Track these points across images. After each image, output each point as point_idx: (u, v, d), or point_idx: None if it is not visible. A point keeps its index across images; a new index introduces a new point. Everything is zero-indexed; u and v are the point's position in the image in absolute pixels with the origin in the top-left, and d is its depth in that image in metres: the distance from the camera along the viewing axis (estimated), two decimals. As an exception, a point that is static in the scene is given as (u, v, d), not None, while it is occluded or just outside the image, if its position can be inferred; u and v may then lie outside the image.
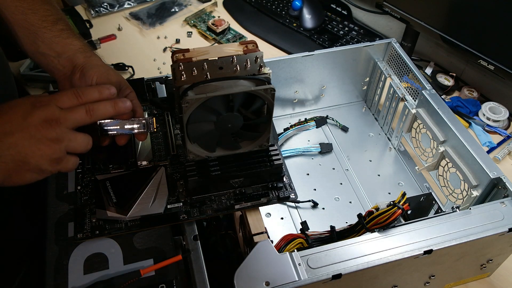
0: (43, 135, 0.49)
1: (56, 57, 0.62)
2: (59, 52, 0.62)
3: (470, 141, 0.69)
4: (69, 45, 0.62)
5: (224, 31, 1.16)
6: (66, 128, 0.50)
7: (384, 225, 0.58)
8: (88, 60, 0.62)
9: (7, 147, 0.48)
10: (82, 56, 0.62)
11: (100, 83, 0.59)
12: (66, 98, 0.52)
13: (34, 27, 0.62)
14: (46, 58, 0.62)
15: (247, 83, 0.53)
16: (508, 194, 0.63)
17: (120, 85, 0.62)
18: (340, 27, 1.18)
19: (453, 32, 0.91)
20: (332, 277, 0.53)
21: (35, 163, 0.49)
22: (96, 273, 0.54)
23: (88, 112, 0.52)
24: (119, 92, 0.60)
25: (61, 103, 0.51)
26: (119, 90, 0.61)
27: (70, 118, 0.51)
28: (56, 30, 0.62)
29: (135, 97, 0.62)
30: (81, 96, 0.53)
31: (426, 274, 0.64)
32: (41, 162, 0.49)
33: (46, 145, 0.49)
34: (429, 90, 0.78)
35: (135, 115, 0.60)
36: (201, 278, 0.53)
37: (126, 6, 1.23)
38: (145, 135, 0.62)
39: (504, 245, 0.64)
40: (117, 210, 0.58)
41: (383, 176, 0.87)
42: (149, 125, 0.59)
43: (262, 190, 0.62)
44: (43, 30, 0.62)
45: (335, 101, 0.98)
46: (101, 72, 0.61)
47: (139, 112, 0.61)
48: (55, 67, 0.62)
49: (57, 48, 0.62)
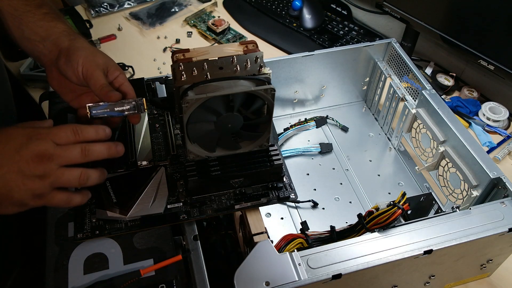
0: (31, 170, 0.48)
1: (41, 42, 0.60)
2: (43, 36, 0.60)
3: (470, 141, 0.69)
4: (53, 28, 0.61)
5: (224, 31, 1.16)
6: (56, 165, 0.50)
7: (384, 225, 0.58)
8: (73, 43, 0.59)
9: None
10: (66, 39, 0.60)
11: (86, 66, 0.57)
12: (64, 134, 0.51)
13: (18, 12, 0.61)
14: (32, 43, 0.61)
15: (247, 83, 0.53)
16: (508, 194, 0.63)
17: (108, 67, 0.59)
18: (340, 27, 1.18)
19: (453, 32, 0.91)
20: (332, 277, 0.53)
21: (19, 197, 0.49)
22: (96, 273, 0.54)
23: (83, 151, 0.51)
24: (107, 74, 0.59)
25: (58, 139, 0.51)
26: (107, 73, 0.59)
27: (64, 156, 0.50)
28: (40, 14, 0.61)
29: (125, 79, 0.60)
30: (79, 134, 0.52)
31: (426, 274, 0.64)
32: (25, 196, 0.49)
33: (31, 181, 0.49)
34: (429, 90, 0.78)
35: (126, 97, 0.59)
36: (201, 278, 0.53)
37: (126, 6, 1.23)
38: (138, 117, 0.60)
39: (504, 245, 0.64)
40: (117, 210, 0.58)
41: (383, 176, 0.87)
42: (140, 106, 0.58)
43: (262, 190, 0.62)
44: (27, 14, 0.61)
45: (335, 101, 0.98)
46: (87, 55, 0.58)
47: (131, 94, 0.59)
48: (41, 52, 0.61)
49: (41, 32, 0.60)
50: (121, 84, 0.59)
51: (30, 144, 0.49)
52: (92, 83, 0.57)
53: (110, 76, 0.59)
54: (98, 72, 0.57)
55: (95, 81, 0.56)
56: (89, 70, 0.57)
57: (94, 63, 0.58)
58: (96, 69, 0.57)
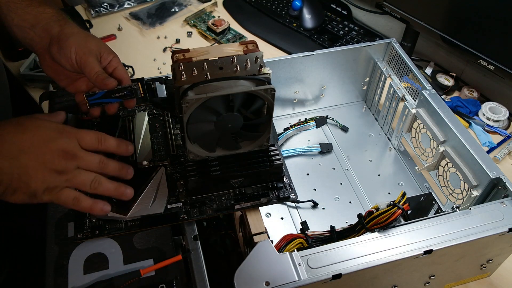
0: (54, 164, 0.50)
1: (31, 28, 0.59)
2: (32, 23, 0.59)
3: (470, 141, 0.69)
4: (42, 13, 0.60)
5: (224, 31, 1.16)
6: (76, 165, 0.51)
7: (384, 225, 0.58)
8: (64, 29, 0.59)
9: (18, 166, 0.49)
10: (56, 25, 0.59)
11: (80, 53, 0.57)
12: (89, 139, 0.53)
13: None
14: (22, 31, 0.60)
15: (247, 83, 0.53)
16: (508, 194, 0.63)
17: (101, 52, 0.59)
18: (340, 27, 1.18)
19: (453, 32, 0.91)
20: (332, 277, 0.53)
21: (34, 187, 0.50)
22: (96, 273, 0.54)
23: (100, 164, 0.54)
24: (101, 59, 0.59)
25: (84, 142, 0.53)
26: (100, 58, 0.59)
27: (85, 160, 0.52)
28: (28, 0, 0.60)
29: (118, 63, 0.60)
30: (103, 143, 0.54)
31: (426, 274, 0.64)
32: (39, 188, 0.50)
33: (50, 174, 0.50)
34: (429, 90, 0.78)
35: (122, 83, 0.59)
36: (201, 278, 0.53)
37: (126, 6, 1.23)
38: (133, 101, 0.60)
39: (504, 245, 0.64)
40: (117, 210, 0.57)
41: (383, 176, 0.87)
42: (136, 91, 0.58)
43: (262, 190, 0.62)
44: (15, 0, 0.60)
45: (335, 101, 0.98)
46: (79, 41, 0.58)
47: (125, 78, 0.60)
48: (33, 39, 0.60)
49: (30, 18, 0.59)
50: (115, 68, 0.59)
51: (59, 140, 0.51)
52: (87, 70, 0.57)
53: (103, 61, 0.59)
54: (91, 58, 0.57)
55: (90, 68, 0.56)
56: (82, 57, 0.57)
57: (87, 49, 0.58)
58: (89, 56, 0.57)
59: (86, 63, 0.57)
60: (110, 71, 0.59)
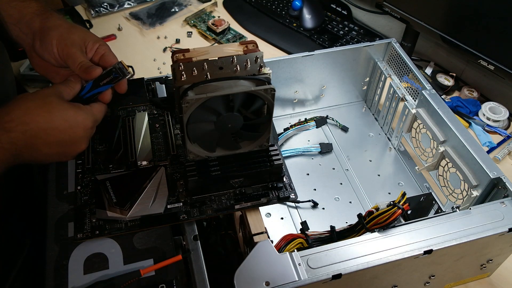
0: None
1: (16, 24, 0.57)
2: (17, 18, 0.57)
3: (470, 141, 0.69)
4: (26, 8, 0.58)
5: (224, 31, 1.16)
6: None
7: (384, 225, 0.58)
8: (45, 23, 0.57)
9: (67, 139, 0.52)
10: (38, 20, 0.57)
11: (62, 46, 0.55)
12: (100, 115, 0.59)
13: None
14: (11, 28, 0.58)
15: (247, 83, 0.53)
16: (508, 194, 0.63)
17: (85, 41, 0.57)
18: (340, 27, 1.18)
19: (453, 32, 0.91)
20: (332, 277, 0.53)
21: (82, 149, 0.55)
22: (96, 273, 0.54)
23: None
24: (86, 50, 0.57)
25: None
26: (86, 48, 0.57)
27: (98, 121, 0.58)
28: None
29: (105, 49, 0.58)
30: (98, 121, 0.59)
31: (426, 274, 0.64)
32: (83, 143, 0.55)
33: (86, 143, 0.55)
34: (429, 90, 0.78)
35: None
36: (201, 278, 0.53)
37: (126, 6, 1.23)
38: (124, 84, 0.59)
39: (504, 245, 0.64)
40: (117, 210, 0.57)
41: (383, 176, 0.87)
42: (121, 70, 0.57)
43: (262, 190, 0.62)
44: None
45: (335, 101, 0.98)
46: (60, 33, 0.56)
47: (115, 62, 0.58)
48: (18, 36, 0.58)
49: (15, 14, 0.57)
50: (102, 55, 0.57)
51: (94, 127, 0.56)
52: (70, 63, 0.55)
53: (89, 51, 0.57)
54: (73, 50, 0.55)
55: (73, 60, 0.55)
56: (64, 49, 0.55)
57: (69, 41, 0.56)
58: (71, 48, 0.55)
59: (68, 55, 0.55)
60: (98, 59, 0.57)
